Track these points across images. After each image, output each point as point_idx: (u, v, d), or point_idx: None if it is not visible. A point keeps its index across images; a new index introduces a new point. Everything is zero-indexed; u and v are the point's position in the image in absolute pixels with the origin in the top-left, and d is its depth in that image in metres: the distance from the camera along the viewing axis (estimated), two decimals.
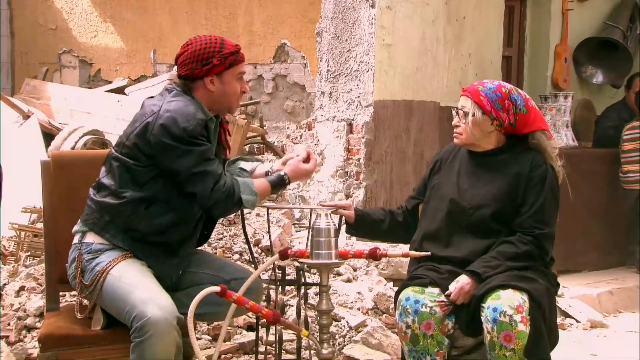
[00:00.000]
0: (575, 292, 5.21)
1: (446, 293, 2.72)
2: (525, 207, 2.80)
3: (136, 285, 2.54)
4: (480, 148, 2.93)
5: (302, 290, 3.11)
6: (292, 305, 3.98)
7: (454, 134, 2.95)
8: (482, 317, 2.62)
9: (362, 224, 3.05)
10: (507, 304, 2.57)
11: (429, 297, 2.75)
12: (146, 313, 2.42)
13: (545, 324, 2.63)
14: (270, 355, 3.46)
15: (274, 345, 3.18)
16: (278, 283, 3.08)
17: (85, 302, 2.72)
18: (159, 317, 2.42)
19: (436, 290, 2.77)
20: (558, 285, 2.89)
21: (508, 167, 2.87)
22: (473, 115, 2.85)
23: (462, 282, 2.70)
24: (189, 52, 2.72)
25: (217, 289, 2.55)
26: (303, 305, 3.09)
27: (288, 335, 3.62)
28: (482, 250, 2.81)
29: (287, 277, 3.15)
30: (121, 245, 2.65)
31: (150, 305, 2.45)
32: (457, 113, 2.92)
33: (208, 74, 2.70)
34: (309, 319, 3.72)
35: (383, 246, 4.68)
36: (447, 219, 2.90)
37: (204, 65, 2.69)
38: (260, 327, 3.23)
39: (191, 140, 2.60)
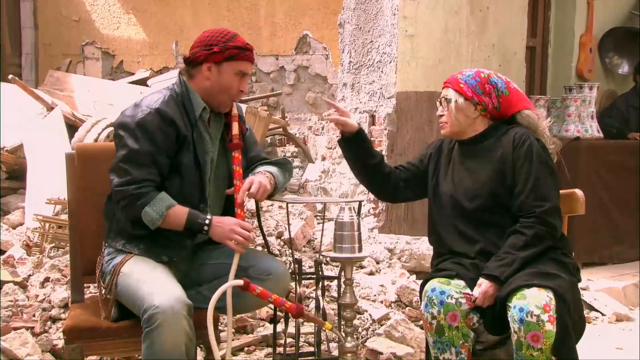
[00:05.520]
0: (600, 285, 5.16)
1: (472, 300, 2.70)
2: (518, 188, 2.78)
3: (144, 279, 2.57)
4: (467, 136, 2.93)
5: (321, 284, 3.11)
6: (310, 298, 3.98)
7: (440, 124, 2.95)
8: (508, 317, 2.59)
9: (357, 142, 3.00)
10: (534, 303, 2.54)
11: (454, 289, 2.73)
12: (153, 303, 2.44)
13: (571, 319, 2.60)
14: (292, 348, 3.46)
15: (295, 337, 3.18)
16: (296, 277, 3.07)
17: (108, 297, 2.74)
18: (166, 306, 2.43)
19: (462, 282, 2.76)
20: (578, 270, 2.85)
21: (492, 151, 2.86)
22: (455, 101, 2.87)
23: (484, 287, 2.68)
24: (199, 37, 2.77)
25: (240, 282, 2.55)
26: (321, 298, 3.09)
27: (304, 328, 3.61)
28: (495, 236, 2.79)
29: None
30: (120, 248, 2.70)
31: (157, 295, 2.46)
32: (440, 103, 2.94)
33: (207, 60, 2.71)
34: (331, 312, 3.73)
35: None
36: (452, 215, 2.89)
37: (205, 49, 2.71)
38: (278, 320, 3.22)
39: (133, 132, 2.61)
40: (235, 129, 2.79)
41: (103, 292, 2.71)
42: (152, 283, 2.54)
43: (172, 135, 2.66)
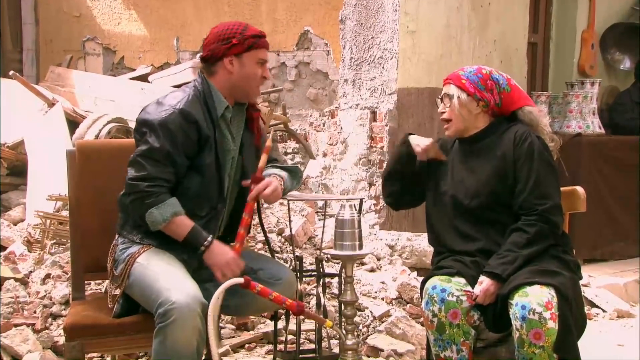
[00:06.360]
0: (601, 282, 5.16)
1: (473, 297, 2.70)
2: (520, 186, 2.77)
3: (162, 272, 2.56)
4: (469, 133, 2.91)
5: (322, 281, 3.10)
6: (310, 295, 3.97)
7: (443, 125, 2.94)
8: (510, 314, 2.60)
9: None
10: (536, 301, 2.54)
11: (455, 287, 2.73)
12: (170, 299, 2.43)
13: (572, 316, 2.60)
14: (293, 345, 3.46)
15: (295, 334, 3.18)
16: (297, 274, 3.07)
17: (116, 292, 2.73)
18: (182, 303, 2.42)
19: (463, 280, 2.75)
20: (579, 268, 2.85)
21: (493, 149, 2.86)
22: (458, 97, 2.86)
23: (485, 284, 2.68)
24: (212, 33, 2.76)
25: (241, 280, 2.55)
26: (322, 296, 3.08)
27: (305, 325, 3.61)
28: (496, 234, 2.79)
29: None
30: (137, 241, 2.68)
31: (174, 291, 2.45)
32: (441, 100, 2.92)
33: (227, 54, 2.71)
34: (332, 309, 3.73)
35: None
36: (452, 215, 2.88)
37: (223, 44, 2.71)
38: (279, 317, 3.22)
39: (155, 129, 2.60)
40: (259, 128, 2.84)
41: (113, 281, 2.69)
42: (169, 278, 2.53)
43: (194, 136, 2.66)
